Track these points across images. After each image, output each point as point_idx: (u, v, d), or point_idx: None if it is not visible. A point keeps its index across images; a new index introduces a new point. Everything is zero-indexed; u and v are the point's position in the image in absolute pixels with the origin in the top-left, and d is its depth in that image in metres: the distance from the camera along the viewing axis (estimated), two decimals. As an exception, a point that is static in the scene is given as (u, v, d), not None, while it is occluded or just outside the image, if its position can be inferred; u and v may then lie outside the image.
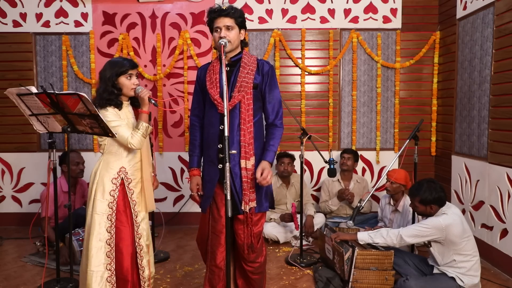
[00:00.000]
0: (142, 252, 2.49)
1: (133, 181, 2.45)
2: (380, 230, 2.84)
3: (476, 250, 2.76)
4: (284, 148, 4.50)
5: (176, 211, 4.61)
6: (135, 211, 2.46)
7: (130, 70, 2.42)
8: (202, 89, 2.40)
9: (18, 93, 2.39)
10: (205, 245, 2.46)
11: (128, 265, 2.41)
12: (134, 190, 2.46)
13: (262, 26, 4.52)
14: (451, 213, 2.73)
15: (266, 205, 2.38)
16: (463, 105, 3.95)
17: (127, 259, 2.41)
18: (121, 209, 2.41)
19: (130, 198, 2.44)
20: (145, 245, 2.50)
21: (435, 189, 2.74)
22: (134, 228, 2.46)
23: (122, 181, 2.42)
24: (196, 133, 2.45)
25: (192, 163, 2.46)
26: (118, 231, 2.41)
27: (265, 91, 2.34)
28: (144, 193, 2.50)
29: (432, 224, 2.70)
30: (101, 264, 2.37)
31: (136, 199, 2.47)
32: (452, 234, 2.66)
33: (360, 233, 2.91)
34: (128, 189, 2.43)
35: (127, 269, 2.41)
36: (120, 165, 2.41)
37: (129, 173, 2.44)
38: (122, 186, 2.42)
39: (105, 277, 2.37)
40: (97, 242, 2.38)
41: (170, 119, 4.60)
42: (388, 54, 4.56)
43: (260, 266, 2.43)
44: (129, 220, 2.44)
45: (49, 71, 4.54)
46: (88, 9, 4.49)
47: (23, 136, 4.56)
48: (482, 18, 3.62)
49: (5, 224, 4.57)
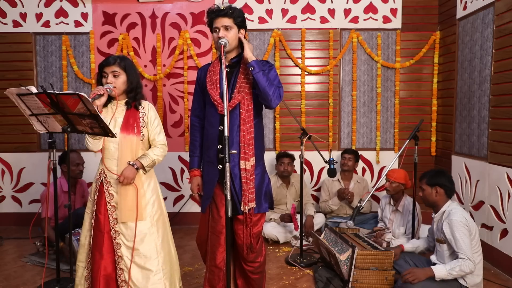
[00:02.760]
0: (122, 264, 2.32)
1: (112, 186, 2.36)
2: (456, 265, 2.56)
3: (480, 249, 2.73)
4: (284, 148, 4.50)
5: (176, 211, 4.61)
6: (113, 218, 2.34)
7: (105, 68, 2.36)
8: (203, 89, 2.39)
9: (18, 93, 2.39)
10: (204, 246, 2.46)
11: (98, 272, 2.29)
12: (114, 195, 2.36)
13: (262, 26, 4.52)
14: (460, 210, 2.69)
15: (266, 206, 2.38)
16: (463, 105, 3.95)
17: (97, 265, 2.30)
18: (100, 212, 2.35)
19: (109, 203, 2.35)
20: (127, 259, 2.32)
21: (443, 174, 2.78)
22: (112, 236, 2.34)
23: (102, 183, 2.37)
24: (197, 134, 2.45)
25: (193, 163, 2.45)
26: (94, 234, 2.35)
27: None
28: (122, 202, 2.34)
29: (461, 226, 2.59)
30: (83, 261, 2.41)
31: (115, 205, 2.34)
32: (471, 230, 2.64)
33: (437, 269, 2.58)
34: (108, 193, 2.36)
35: (95, 277, 2.30)
36: (102, 166, 2.41)
37: (107, 176, 2.37)
38: (102, 188, 2.37)
39: (84, 275, 2.40)
40: (83, 238, 2.42)
41: (170, 119, 4.60)
42: (388, 54, 4.56)
43: (260, 266, 2.43)
44: (106, 226, 2.33)
45: (49, 71, 4.54)
46: (88, 9, 4.49)
47: (23, 136, 4.56)
48: (482, 18, 3.61)
49: (5, 224, 4.57)
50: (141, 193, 2.39)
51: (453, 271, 2.54)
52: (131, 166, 2.33)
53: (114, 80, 2.35)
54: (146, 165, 2.37)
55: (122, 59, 2.40)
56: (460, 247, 2.55)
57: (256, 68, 2.17)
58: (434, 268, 2.57)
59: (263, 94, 2.20)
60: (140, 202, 2.36)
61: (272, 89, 2.20)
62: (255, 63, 2.17)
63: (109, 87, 2.31)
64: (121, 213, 2.34)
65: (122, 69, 2.38)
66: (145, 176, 2.43)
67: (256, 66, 2.17)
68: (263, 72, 2.19)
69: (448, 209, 2.72)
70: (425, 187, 2.80)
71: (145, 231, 2.37)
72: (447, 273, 2.54)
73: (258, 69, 2.17)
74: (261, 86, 2.17)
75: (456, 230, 2.57)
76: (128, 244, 2.34)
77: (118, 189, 2.35)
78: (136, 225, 2.33)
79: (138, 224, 2.34)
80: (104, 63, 2.38)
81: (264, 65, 2.27)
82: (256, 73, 2.16)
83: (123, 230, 2.35)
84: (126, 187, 2.34)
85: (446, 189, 2.74)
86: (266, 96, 2.20)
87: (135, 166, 2.34)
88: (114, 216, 2.35)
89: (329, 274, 3.13)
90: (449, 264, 2.57)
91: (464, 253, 2.53)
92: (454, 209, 2.69)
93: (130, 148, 2.38)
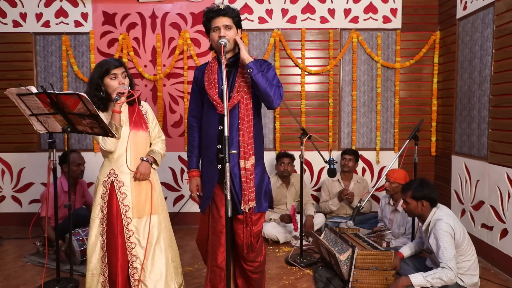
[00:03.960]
0: (136, 263, 2.35)
1: (125, 185, 2.37)
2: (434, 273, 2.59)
3: (473, 249, 2.76)
4: (284, 148, 4.50)
5: (176, 211, 4.61)
6: (127, 218, 2.35)
7: (113, 70, 2.33)
8: (200, 89, 2.38)
9: (18, 93, 2.39)
10: (205, 246, 2.46)
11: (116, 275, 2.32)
12: (127, 194, 2.36)
13: (262, 26, 4.52)
14: (446, 215, 2.69)
15: (266, 205, 2.38)
16: (463, 105, 3.95)
17: (115, 268, 2.33)
18: (112, 214, 2.34)
19: (121, 203, 2.35)
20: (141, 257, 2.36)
21: (427, 185, 2.76)
22: (125, 236, 2.35)
23: (112, 184, 2.36)
24: (195, 134, 2.45)
25: (191, 164, 2.45)
26: (108, 237, 2.35)
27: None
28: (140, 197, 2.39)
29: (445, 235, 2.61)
30: (97, 268, 2.38)
31: (129, 204, 2.36)
32: (457, 235, 2.65)
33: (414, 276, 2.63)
34: (119, 193, 2.35)
35: (114, 280, 2.33)
36: (110, 167, 2.39)
37: (119, 176, 2.37)
38: (112, 189, 2.36)
39: (100, 281, 2.38)
40: (93, 246, 2.39)
41: (170, 119, 4.60)
42: (388, 54, 4.56)
43: (260, 266, 2.43)
44: (119, 227, 2.34)
45: (49, 71, 4.54)
46: (88, 9, 4.49)
47: (23, 136, 4.56)
48: (482, 18, 3.61)
49: (5, 224, 4.57)
50: (155, 187, 2.46)
51: (430, 278, 2.56)
52: (146, 162, 2.39)
53: (126, 81, 2.39)
54: (158, 160, 2.45)
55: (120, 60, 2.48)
56: (441, 256, 2.58)
57: (254, 69, 2.15)
58: (411, 276, 2.62)
59: (263, 95, 2.20)
60: (154, 196, 2.43)
61: (272, 90, 2.19)
62: (253, 65, 2.16)
63: (125, 88, 2.33)
64: (138, 209, 2.37)
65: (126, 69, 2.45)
66: (153, 171, 2.49)
67: (254, 68, 2.15)
68: (262, 73, 2.17)
69: (433, 219, 2.73)
70: (409, 200, 2.78)
71: (157, 226, 2.43)
72: (425, 280, 2.57)
73: (256, 70, 2.16)
74: (261, 87, 2.17)
75: (441, 240, 2.60)
76: (143, 242, 2.37)
77: (132, 186, 2.37)
78: (151, 220, 2.39)
79: (152, 218, 2.40)
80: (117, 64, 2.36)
81: (262, 65, 2.26)
82: (255, 75, 2.15)
83: (137, 227, 2.37)
84: (141, 183, 2.39)
85: (431, 201, 2.75)
86: (267, 97, 2.19)
87: (149, 161, 2.40)
88: (128, 216, 2.36)
89: (329, 274, 3.13)
90: (427, 272, 2.60)
91: (445, 263, 2.55)
92: (439, 217, 2.69)
93: (141, 144, 2.43)
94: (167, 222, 2.55)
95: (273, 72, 2.29)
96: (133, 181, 2.38)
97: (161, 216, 2.48)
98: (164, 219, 2.51)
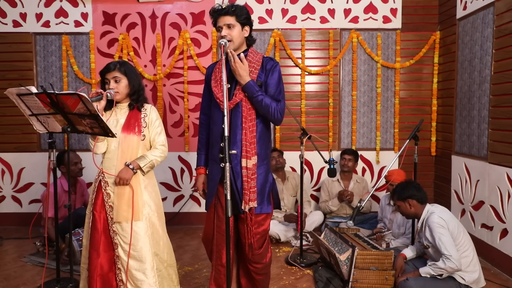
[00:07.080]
0: (119, 264, 2.35)
1: (110, 186, 2.38)
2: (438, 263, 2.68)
3: (471, 245, 2.79)
4: (284, 148, 4.50)
5: (176, 211, 4.61)
6: (111, 218, 2.36)
7: (106, 75, 2.41)
8: (210, 87, 2.38)
9: (18, 93, 2.39)
10: (210, 244, 2.44)
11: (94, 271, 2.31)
12: (111, 195, 2.38)
13: (262, 26, 4.52)
14: (439, 210, 2.79)
15: (269, 207, 2.33)
16: (463, 105, 3.95)
17: (94, 265, 2.32)
18: (97, 211, 2.36)
19: (106, 202, 2.37)
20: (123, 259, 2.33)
21: (410, 185, 2.88)
22: (110, 235, 2.36)
23: (100, 182, 2.40)
24: (204, 132, 2.45)
25: (199, 161, 2.46)
26: (91, 233, 2.37)
27: (266, 84, 2.28)
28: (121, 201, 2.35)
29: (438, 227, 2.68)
30: (85, 263, 2.42)
31: (112, 205, 2.37)
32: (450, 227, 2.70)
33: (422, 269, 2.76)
34: (105, 192, 2.38)
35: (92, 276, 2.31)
36: (101, 166, 2.44)
37: (105, 176, 2.40)
38: (100, 187, 2.39)
39: (85, 276, 2.42)
40: (85, 241, 2.44)
41: (170, 119, 4.60)
42: (388, 54, 4.56)
43: (265, 267, 2.41)
44: (102, 224, 2.35)
45: (49, 71, 4.54)
46: (88, 9, 4.49)
47: (23, 136, 4.56)
48: (482, 18, 3.61)
49: (5, 224, 4.57)
50: (138, 193, 2.38)
51: (434, 266, 2.68)
52: (127, 167, 2.35)
53: (116, 86, 2.40)
54: (143, 166, 2.37)
55: (122, 64, 2.43)
56: (440, 246, 2.66)
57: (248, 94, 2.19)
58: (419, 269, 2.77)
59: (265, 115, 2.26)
60: (136, 202, 2.36)
61: (270, 111, 2.22)
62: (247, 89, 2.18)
63: (110, 92, 2.36)
64: (117, 213, 2.35)
65: (123, 73, 2.41)
66: (144, 177, 2.43)
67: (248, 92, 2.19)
68: (257, 97, 2.19)
69: (426, 215, 2.82)
70: (399, 203, 2.91)
71: (141, 233, 2.36)
72: (430, 269, 2.70)
73: (250, 94, 2.19)
74: (259, 111, 2.24)
75: (434, 232, 2.69)
76: (124, 246, 2.34)
77: (115, 189, 2.37)
78: (132, 226, 2.34)
79: (134, 224, 2.34)
80: (104, 70, 2.41)
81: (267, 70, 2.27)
82: (250, 98, 2.20)
83: (120, 230, 2.36)
84: (123, 187, 2.35)
85: (417, 198, 2.83)
86: (268, 117, 2.26)
87: (130, 166, 2.35)
88: (111, 216, 2.36)
89: (329, 274, 3.13)
90: (432, 263, 2.71)
91: (447, 253, 2.62)
92: (431, 212, 2.79)
93: (130, 148, 2.39)
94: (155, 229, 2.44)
95: (277, 80, 2.29)
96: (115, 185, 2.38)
97: (148, 225, 2.39)
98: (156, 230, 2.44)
